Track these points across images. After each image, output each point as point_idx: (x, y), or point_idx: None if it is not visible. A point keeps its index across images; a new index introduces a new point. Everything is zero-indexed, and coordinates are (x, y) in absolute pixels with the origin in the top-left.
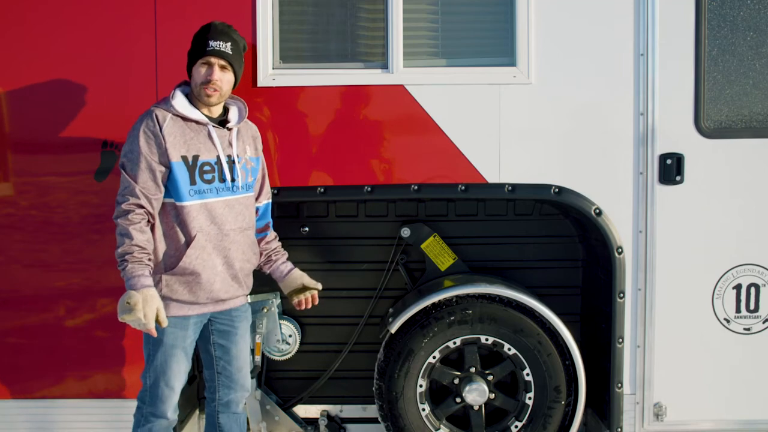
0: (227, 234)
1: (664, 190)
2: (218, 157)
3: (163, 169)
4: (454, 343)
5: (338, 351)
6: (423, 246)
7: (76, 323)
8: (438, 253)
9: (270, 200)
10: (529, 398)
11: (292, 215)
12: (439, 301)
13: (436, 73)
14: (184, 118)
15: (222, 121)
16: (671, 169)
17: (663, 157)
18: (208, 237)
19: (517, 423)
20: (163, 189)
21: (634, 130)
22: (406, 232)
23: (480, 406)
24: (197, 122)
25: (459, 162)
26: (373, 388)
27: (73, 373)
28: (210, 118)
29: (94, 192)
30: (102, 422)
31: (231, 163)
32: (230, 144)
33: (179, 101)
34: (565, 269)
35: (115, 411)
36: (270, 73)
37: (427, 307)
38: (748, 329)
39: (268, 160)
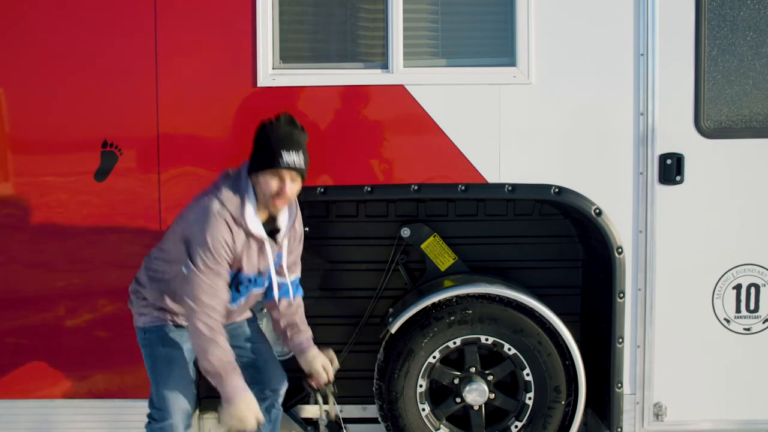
0: (234, 321)
1: (664, 190)
2: (261, 273)
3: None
4: (454, 343)
5: (338, 351)
6: (423, 246)
7: (76, 323)
8: (438, 253)
9: (299, 275)
10: (529, 398)
11: None
12: (439, 301)
13: (436, 73)
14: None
15: (272, 230)
16: (671, 169)
17: (663, 157)
18: None
19: (517, 423)
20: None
21: (634, 130)
22: (406, 232)
23: (480, 406)
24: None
25: (459, 162)
26: (373, 388)
27: (73, 373)
28: (264, 224)
29: (94, 192)
30: (102, 422)
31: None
32: (278, 263)
33: (251, 220)
34: (565, 269)
35: (115, 411)
36: (270, 73)
37: (427, 307)
38: (748, 329)
39: None
